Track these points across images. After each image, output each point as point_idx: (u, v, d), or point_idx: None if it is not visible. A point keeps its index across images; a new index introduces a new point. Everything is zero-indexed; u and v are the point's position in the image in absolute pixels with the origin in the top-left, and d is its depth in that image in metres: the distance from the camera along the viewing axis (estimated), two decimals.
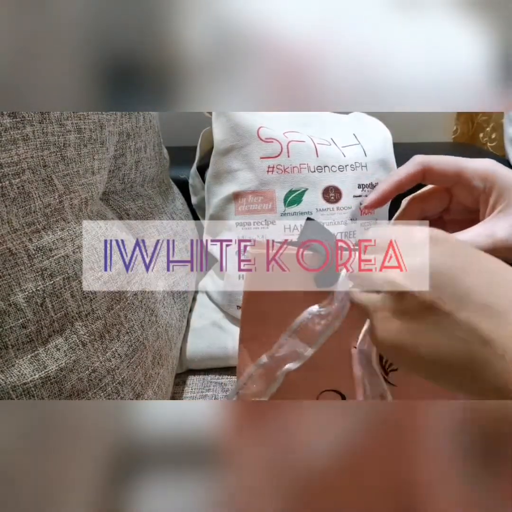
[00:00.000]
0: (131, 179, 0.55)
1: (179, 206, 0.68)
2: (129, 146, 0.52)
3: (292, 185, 0.59)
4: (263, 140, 0.59)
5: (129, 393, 0.42)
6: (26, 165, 0.34)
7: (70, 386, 0.36)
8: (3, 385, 0.33)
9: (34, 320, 0.34)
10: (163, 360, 0.49)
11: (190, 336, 0.64)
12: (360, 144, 0.64)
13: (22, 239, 0.34)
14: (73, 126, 0.39)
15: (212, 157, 0.62)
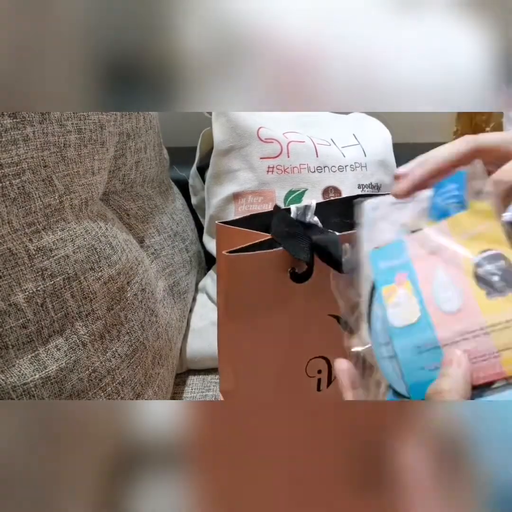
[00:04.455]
0: (131, 180, 0.55)
1: (179, 206, 0.68)
2: (129, 147, 0.52)
3: (292, 185, 0.59)
4: (263, 140, 0.59)
5: (129, 393, 0.42)
6: (26, 165, 0.34)
7: (70, 386, 0.36)
8: (3, 385, 0.33)
9: (35, 320, 0.34)
10: (163, 360, 0.49)
11: (190, 336, 0.64)
12: (360, 145, 0.64)
13: (23, 239, 0.34)
14: (74, 126, 0.39)
15: (212, 158, 0.62)
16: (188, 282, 0.63)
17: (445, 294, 0.29)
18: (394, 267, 0.31)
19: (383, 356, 0.30)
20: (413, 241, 0.31)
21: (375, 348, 0.30)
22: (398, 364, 0.29)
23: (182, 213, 0.68)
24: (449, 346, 0.27)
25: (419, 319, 0.29)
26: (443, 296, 0.29)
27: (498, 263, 0.28)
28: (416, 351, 0.29)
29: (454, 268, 0.29)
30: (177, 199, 0.69)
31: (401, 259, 0.31)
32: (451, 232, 0.30)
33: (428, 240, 0.30)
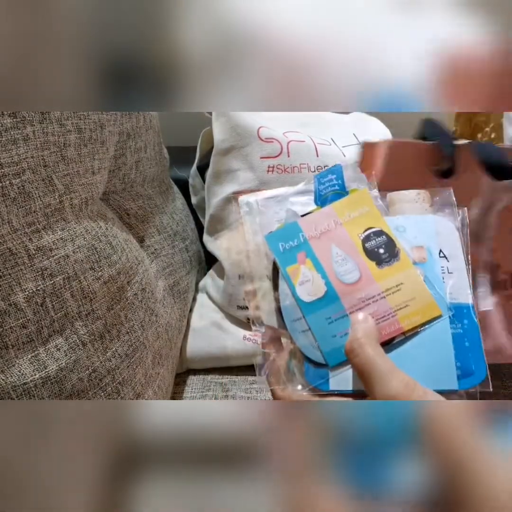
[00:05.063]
0: (131, 179, 0.55)
1: (179, 206, 0.68)
2: (129, 146, 0.52)
3: (292, 185, 0.59)
4: (263, 140, 0.59)
5: (129, 393, 0.42)
6: (26, 165, 0.34)
7: (70, 386, 0.36)
8: (3, 385, 0.33)
9: (34, 320, 0.34)
10: (163, 360, 0.49)
11: (190, 336, 0.64)
12: None
13: (23, 239, 0.34)
14: (73, 126, 0.39)
15: (212, 157, 0.62)
16: (188, 282, 0.63)
17: (344, 268, 0.33)
18: (293, 247, 0.35)
19: (297, 330, 0.33)
20: (305, 223, 0.35)
21: (288, 324, 0.33)
22: (313, 336, 0.32)
23: (182, 212, 0.68)
24: (355, 313, 0.32)
25: (326, 293, 0.33)
26: (342, 270, 0.33)
27: (380, 238, 0.34)
28: (327, 321, 0.32)
29: (345, 245, 0.34)
30: (177, 198, 0.69)
31: (298, 239, 0.35)
32: (338, 214, 0.35)
33: (318, 222, 0.35)
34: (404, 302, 0.32)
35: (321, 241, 0.34)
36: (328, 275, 0.33)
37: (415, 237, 0.34)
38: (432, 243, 0.34)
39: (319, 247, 0.34)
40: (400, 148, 0.46)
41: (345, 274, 0.33)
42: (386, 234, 0.34)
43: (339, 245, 0.34)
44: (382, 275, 0.33)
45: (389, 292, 0.32)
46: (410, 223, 0.34)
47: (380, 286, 0.33)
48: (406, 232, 0.34)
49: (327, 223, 0.35)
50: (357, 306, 0.32)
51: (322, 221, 0.35)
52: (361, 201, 0.35)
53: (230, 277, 0.62)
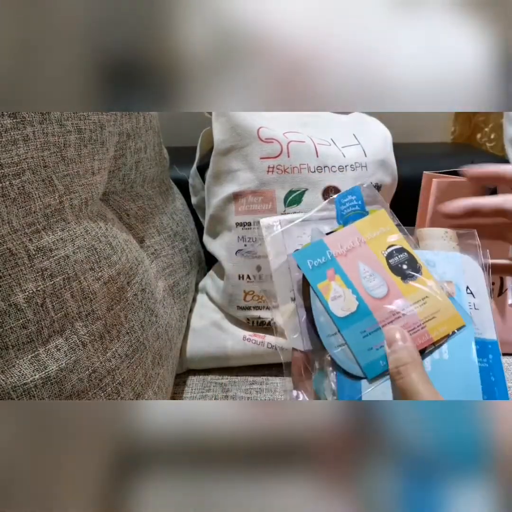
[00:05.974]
0: (131, 180, 0.55)
1: (179, 206, 0.68)
2: (129, 147, 0.52)
3: (292, 185, 0.59)
4: (263, 140, 0.59)
5: (129, 393, 0.42)
6: (26, 165, 0.34)
7: (70, 387, 0.36)
8: (3, 385, 0.33)
9: (34, 321, 0.34)
10: (163, 360, 0.49)
11: (190, 336, 0.64)
12: (360, 144, 0.64)
13: (23, 240, 0.34)
14: (73, 126, 0.39)
15: (212, 157, 0.62)
16: (188, 282, 0.63)
17: (373, 283, 0.34)
18: (321, 264, 0.36)
19: (333, 345, 0.34)
20: (330, 241, 0.36)
21: (324, 339, 0.34)
22: (350, 350, 0.33)
23: (182, 213, 0.68)
24: (387, 326, 0.33)
25: (358, 307, 0.34)
26: (371, 285, 0.34)
27: (402, 254, 0.35)
28: (362, 335, 0.33)
29: (371, 261, 0.35)
30: (177, 199, 0.69)
31: (325, 257, 0.36)
32: (361, 233, 0.37)
33: (343, 240, 0.36)
34: (431, 314, 0.33)
35: (347, 258, 0.36)
36: (358, 290, 0.34)
37: (444, 272, 0.35)
38: (460, 279, 0.35)
39: (347, 264, 0.35)
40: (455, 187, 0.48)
41: (374, 289, 0.34)
42: (407, 251, 0.35)
43: (365, 261, 0.35)
44: (408, 290, 0.34)
45: (417, 305, 0.34)
46: (440, 259, 0.36)
47: (408, 300, 0.34)
48: (435, 267, 0.35)
49: (351, 241, 0.36)
50: (389, 319, 0.33)
51: (346, 239, 0.36)
52: (381, 221, 0.37)
53: (230, 277, 0.62)
